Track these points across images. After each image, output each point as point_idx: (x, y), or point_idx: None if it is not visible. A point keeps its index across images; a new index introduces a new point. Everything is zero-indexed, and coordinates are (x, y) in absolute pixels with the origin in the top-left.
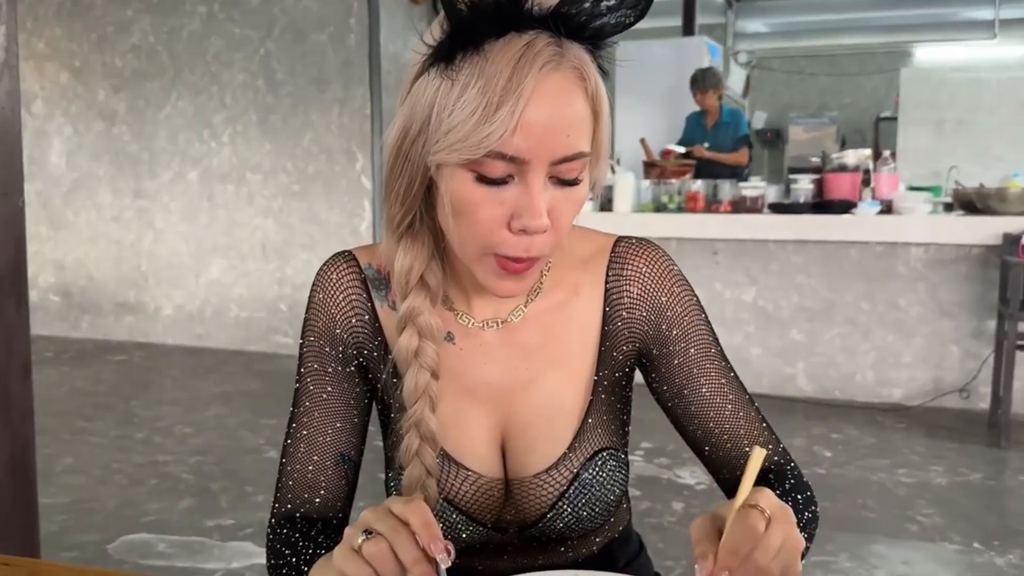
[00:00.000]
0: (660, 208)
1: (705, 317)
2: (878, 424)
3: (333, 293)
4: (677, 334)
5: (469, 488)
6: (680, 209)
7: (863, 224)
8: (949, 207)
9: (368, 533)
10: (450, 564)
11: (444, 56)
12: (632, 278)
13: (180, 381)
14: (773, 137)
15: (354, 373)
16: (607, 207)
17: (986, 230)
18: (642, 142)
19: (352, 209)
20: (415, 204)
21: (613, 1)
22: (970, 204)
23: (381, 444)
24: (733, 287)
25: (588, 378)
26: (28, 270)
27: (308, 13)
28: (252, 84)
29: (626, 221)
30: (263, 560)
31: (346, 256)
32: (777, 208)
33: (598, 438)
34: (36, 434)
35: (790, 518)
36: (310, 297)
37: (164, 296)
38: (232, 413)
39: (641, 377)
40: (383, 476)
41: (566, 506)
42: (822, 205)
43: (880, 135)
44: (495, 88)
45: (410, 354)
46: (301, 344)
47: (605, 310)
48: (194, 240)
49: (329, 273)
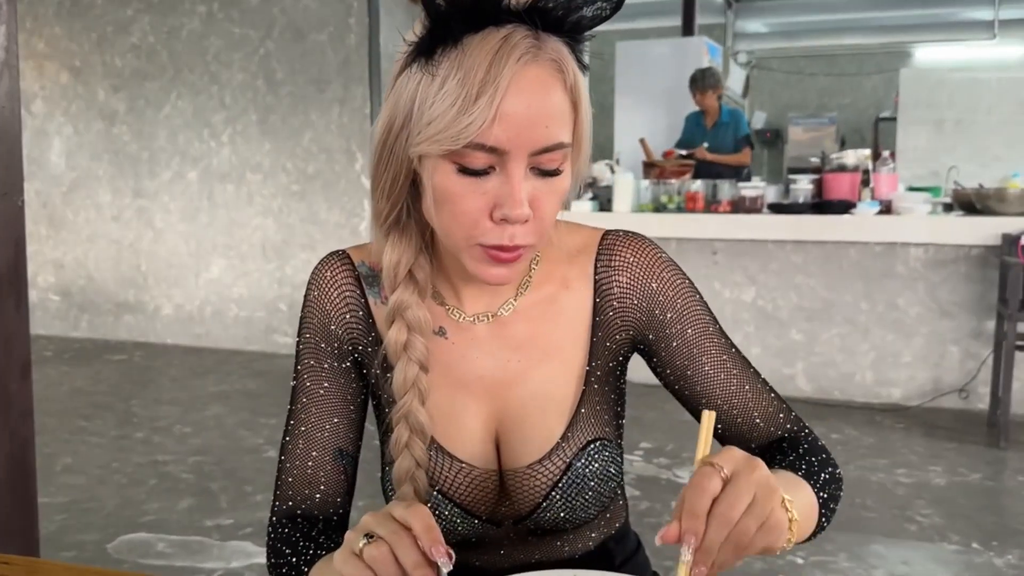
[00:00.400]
0: (659, 208)
1: (700, 298)
2: (877, 424)
3: (328, 290)
4: (672, 317)
5: (463, 480)
6: (680, 209)
7: (862, 224)
8: (948, 207)
9: (369, 537)
10: (451, 568)
11: (424, 51)
12: (620, 268)
13: (179, 381)
14: (772, 137)
15: (350, 369)
16: (607, 207)
17: (985, 230)
18: (642, 142)
19: (352, 209)
20: (401, 197)
21: None
22: (969, 204)
23: (379, 443)
24: (732, 287)
25: (580, 369)
26: (28, 269)
27: (308, 13)
28: (252, 84)
29: (625, 221)
30: (262, 559)
31: (340, 255)
32: (776, 208)
33: (591, 428)
34: (35, 433)
35: (758, 469)
36: (305, 295)
37: (163, 296)
38: (231, 412)
39: (639, 375)
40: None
41: (559, 496)
42: (821, 205)
43: (879, 135)
44: (473, 80)
45: (399, 347)
46: (297, 342)
47: (595, 301)
48: (194, 240)
49: (323, 271)
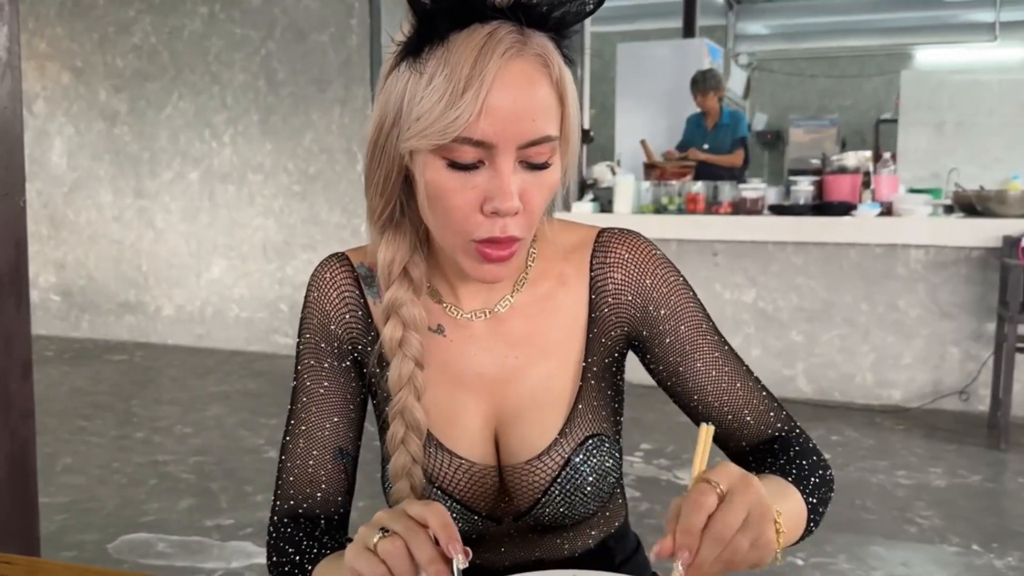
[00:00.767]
0: (660, 209)
1: (693, 295)
2: (877, 426)
3: (327, 291)
4: (665, 314)
5: (463, 476)
6: (680, 211)
7: (863, 226)
8: (949, 209)
9: (384, 532)
10: (467, 566)
11: (412, 50)
12: (615, 264)
13: (180, 381)
14: (773, 139)
15: (350, 368)
16: (607, 208)
17: (986, 232)
18: (642, 143)
19: (353, 209)
20: (394, 195)
21: None
22: (970, 206)
23: (379, 444)
24: (733, 288)
25: (577, 365)
26: (29, 270)
27: (309, 13)
28: (253, 84)
29: (626, 222)
30: (263, 560)
31: (339, 256)
32: (777, 210)
33: (588, 424)
34: (36, 433)
35: (752, 487)
36: (305, 297)
37: (164, 296)
38: (232, 413)
39: (640, 376)
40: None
41: (557, 491)
42: (822, 207)
43: (880, 137)
44: (460, 75)
45: (394, 344)
46: (298, 343)
47: (591, 297)
48: (195, 240)
49: (323, 273)
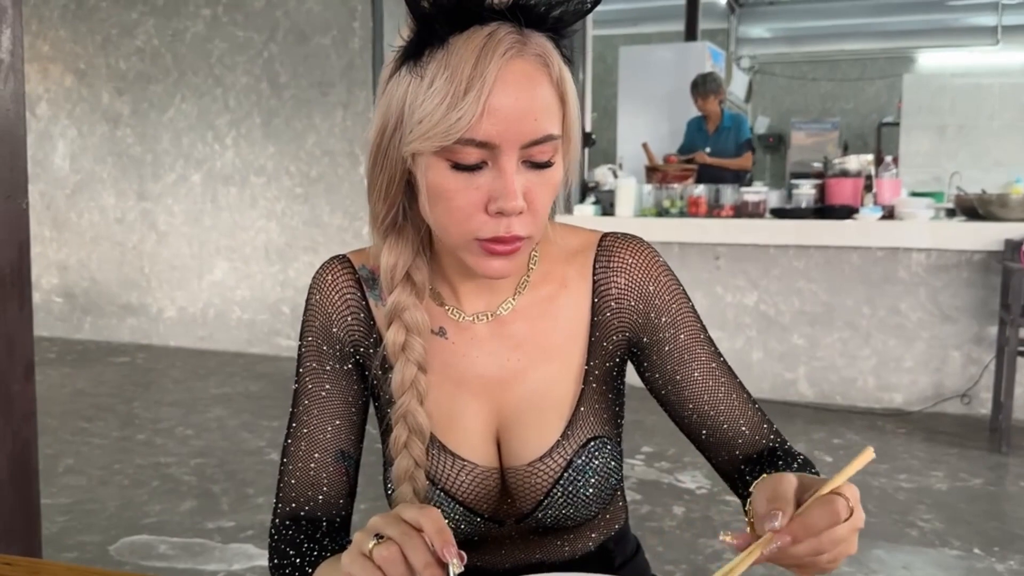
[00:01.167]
0: (662, 213)
1: (691, 305)
2: (879, 429)
3: (329, 293)
4: (666, 321)
5: (466, 478)
6: (682, 214)
7: (865, 229)
8: (951, 213)
9: (379, 538)
10: (462, 570)
11: (412, 54)
12: (619, 269)
13: (182, 383)
14: (775, 142)
15: (352, 371)
16: (609, 211)
17: (988, 236)
18: (644, 147)
19: (354, 212)
20: (397, 199)
21: None
22: (972, 210)
23: (381, 447)
24: (734, 291)
25: (579, 368)
26: (31, 271)
27: (311, 16)
28: (256, 87)
29: (628, 225)
30: (264, 562)
31: (341, 259)
32: (779, 213)
33: (590, 426)
34: (38, 435)
35: (862, 519)
36: (307, 299)
37: (167, 298)
38: (233, 415)
39: (635, 377)
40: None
41: (560, 493)
42: (824, 210)
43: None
44: (461, 76)
45: (397, 348)
46: (300, 345)
47: (594, 301)
48: (197, 242)
49: (325, 275)
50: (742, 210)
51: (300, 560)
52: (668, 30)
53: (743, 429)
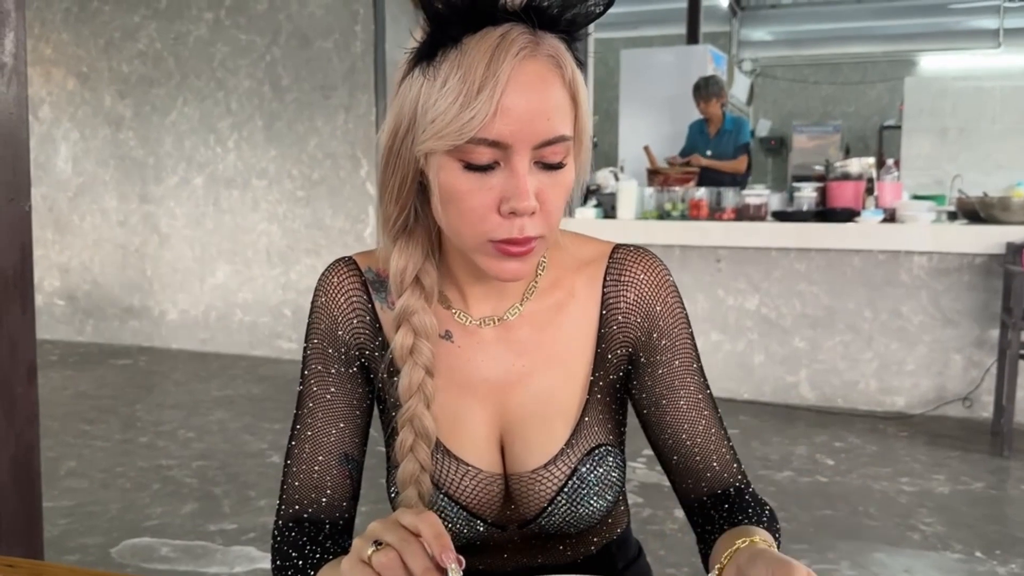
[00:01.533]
0: (663, 215)
1: (691, 331)
2: (880, 432)
3: (335, 296)
4: (665, 344)
5: (470, 483)
6: (683, 217)
7: (866, 232)
8: (952, 216)
9: (378, 544)
10: (461, 575)
11: (425, 55)
12: (630, 284)
13: (184, 385)
14: (777, 145)
15: (356, 374)
16: (611, 214)
17: (989, 239)
18: (646, 149)
19: (356, 215)
20: (409, 201)
21: None
22: (973, 213)
23: (383, 450)
24: (736, 294)
25: (584, 378)
26: (34, 274)
27: (314, 20)
28: (258, 90)
29: (629, 228)
30: (266, 564)
31: (347, 261)
32: (780, 216)
33: (595, 435)
34: (40, 437)
35: None
36: (312, 302)
37: (169, 301)
38: (235, 417)
39: None
40: (385, 481)
41: (564, 500)
42: (825, 213)
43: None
44: (474, 76)
45: (405, 352)
46: (304, 347)
47: (602, 313)
48: (199, 245)
49: (330, 277)
50: (743, 213)
51: (302, 562)
52: (670, 33)
53: (714, 464)
